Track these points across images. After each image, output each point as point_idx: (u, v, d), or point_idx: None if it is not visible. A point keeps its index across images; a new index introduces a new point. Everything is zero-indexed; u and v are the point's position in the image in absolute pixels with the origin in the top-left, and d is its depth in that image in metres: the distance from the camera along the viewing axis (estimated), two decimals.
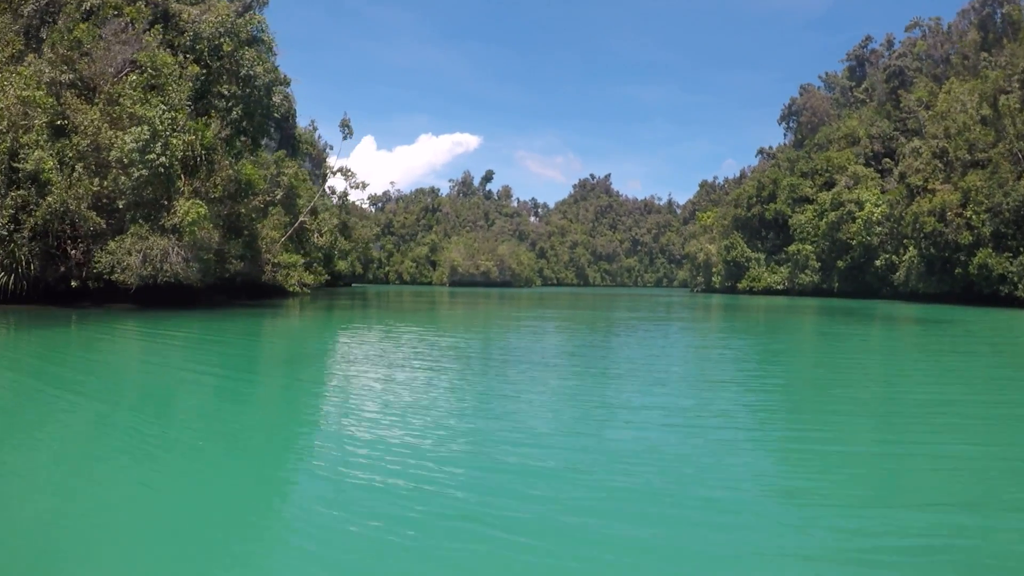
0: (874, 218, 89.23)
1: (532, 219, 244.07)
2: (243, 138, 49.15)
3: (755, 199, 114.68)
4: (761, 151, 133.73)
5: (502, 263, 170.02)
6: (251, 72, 46.42)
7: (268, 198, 65.38)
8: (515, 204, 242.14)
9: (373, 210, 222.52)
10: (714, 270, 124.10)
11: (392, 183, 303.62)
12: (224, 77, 46.94)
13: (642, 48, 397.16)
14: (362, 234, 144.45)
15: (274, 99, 49.10)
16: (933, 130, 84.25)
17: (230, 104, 46.93)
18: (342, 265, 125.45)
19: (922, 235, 73.43)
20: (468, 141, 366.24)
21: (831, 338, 29.76)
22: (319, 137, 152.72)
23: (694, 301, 77.44)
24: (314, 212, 63.61)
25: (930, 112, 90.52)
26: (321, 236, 60.81)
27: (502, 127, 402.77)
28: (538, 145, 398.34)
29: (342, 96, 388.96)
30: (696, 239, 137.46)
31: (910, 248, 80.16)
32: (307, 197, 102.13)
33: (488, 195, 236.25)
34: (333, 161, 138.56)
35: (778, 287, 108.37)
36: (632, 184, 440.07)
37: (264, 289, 59.13)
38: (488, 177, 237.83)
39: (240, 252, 50.40)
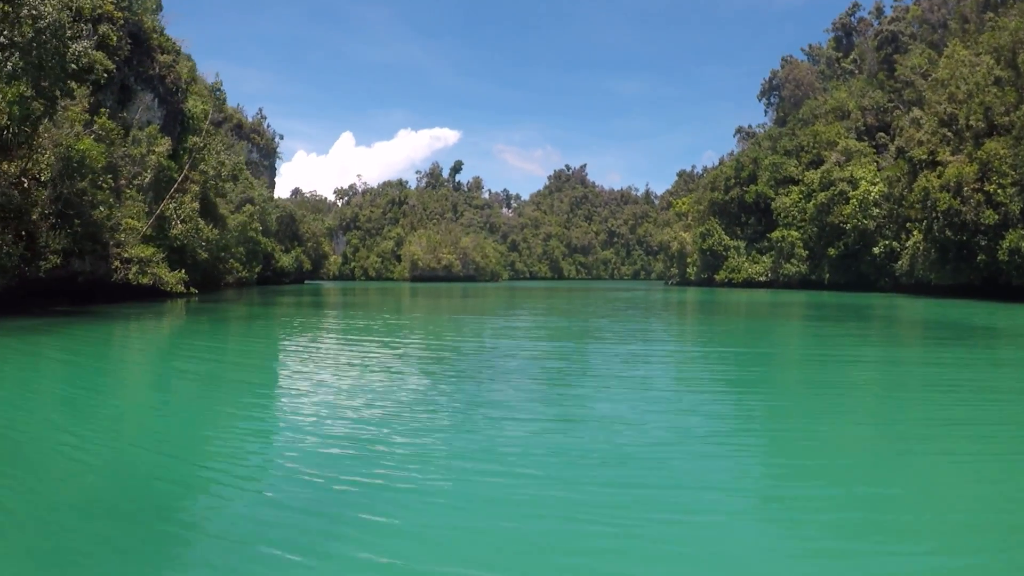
0: (871, 198, 75.13)
1: (504, 211, 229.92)
2: (39, 100, 34.88)
3: (733, 181, 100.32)
4: (740, 130, 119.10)
5: (465, 256, 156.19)
6: (35, 11, 32.06)
7: (138, 181, 51.83)
8: (486, 196, 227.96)
9: (340, 204, 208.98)
10: (689, 260, 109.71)
11: (359, 176, 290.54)
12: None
13: (618, 41, 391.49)
14: (311, 228, 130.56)
15: (75, 47, 34.50)
16: (936, 98, 70.59)
17: (6, 54, 32.73)
18: (285, 260, 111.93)
19: (935, 215, 59.53)
20: (447, 136, 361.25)
21: (856, 367, 15.78)
22: (268, 127, 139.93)
23: (663, 298, 63.42)
24: (179, 196, 49.03)
25: (930, 80, 76.77)
26: (181, 224, 46.40)
27: (481, 122, 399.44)
28: (517, 139, 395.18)
29: (319, 92, 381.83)
30: (670, 227, 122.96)
31: (914, 232, 66.45)
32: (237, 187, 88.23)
33: (457, 187, 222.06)
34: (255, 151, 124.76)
35: (760, 278, 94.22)
36: (612, 177, 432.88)
37: (123, 291, 45.46)
38: (457, 168, 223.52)
39: (63, 245, 37.33)
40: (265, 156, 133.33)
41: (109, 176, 47.86)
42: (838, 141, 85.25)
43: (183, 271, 50.51)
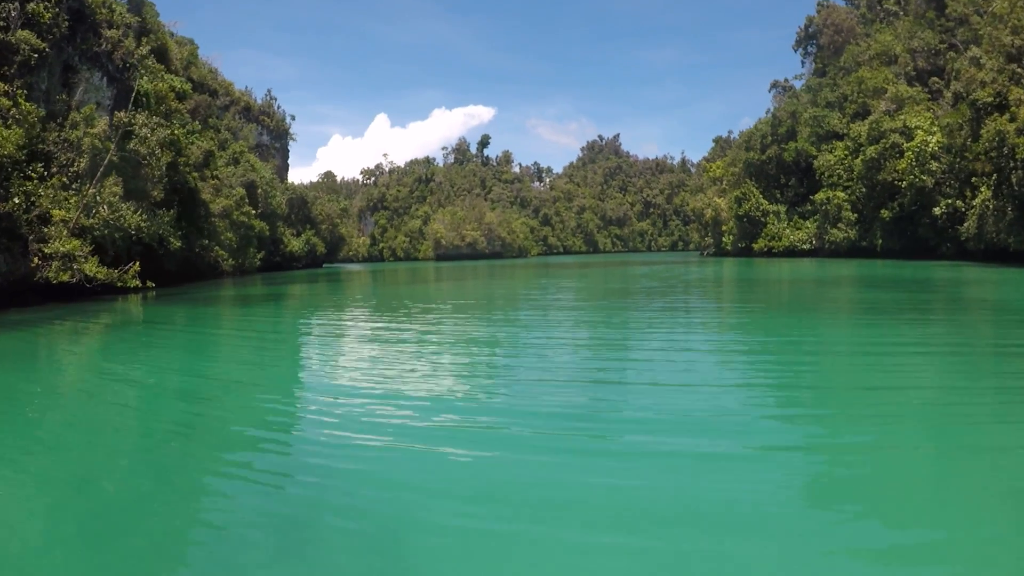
0: (928, 150, 64.36)
1: (535, 184, 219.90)
2: None
3: (770, 138, 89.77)
4: (776, 85, 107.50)
5: (491, 232, 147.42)
6: None
7: (75, 169, 44.52)
8: (516, 170, 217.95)
9: (369, 184, 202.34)
10: (724, 228, 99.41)
11: (385, 155, 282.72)
12: None
13: (649, 9, 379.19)
14: (325, 209, 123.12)
15: None
16: (997, 33, 60.05)
17: None
18: (295, 244, 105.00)
19: (1011, 165, 49.31)
20: (482, 113, 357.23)
21: None
22: (279, 108, 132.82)
23: (692, 272, 54.15)
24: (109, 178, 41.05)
25: (986, 15, 65.93)
26: (104, 209, 38.50)
27: (515, 97, 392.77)
28: (551, 113, 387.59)
29: (351, 75, 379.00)
30: (703, 193, 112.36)
31: (982, 188, 56.11)
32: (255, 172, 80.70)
33: (486, 161, 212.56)
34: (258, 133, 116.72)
35: (803, 246, 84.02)
36: (648, 147, 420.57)
37: (61, 291, 38.66)
38: (484, 142, 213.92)
39: None
40: (276, 138, 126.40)
41: (40, 164, 41.33)
42: (886, 88, 74.44)
43: (137, 263, 43.42)
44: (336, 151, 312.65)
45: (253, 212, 78.70)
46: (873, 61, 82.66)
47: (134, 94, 46.17)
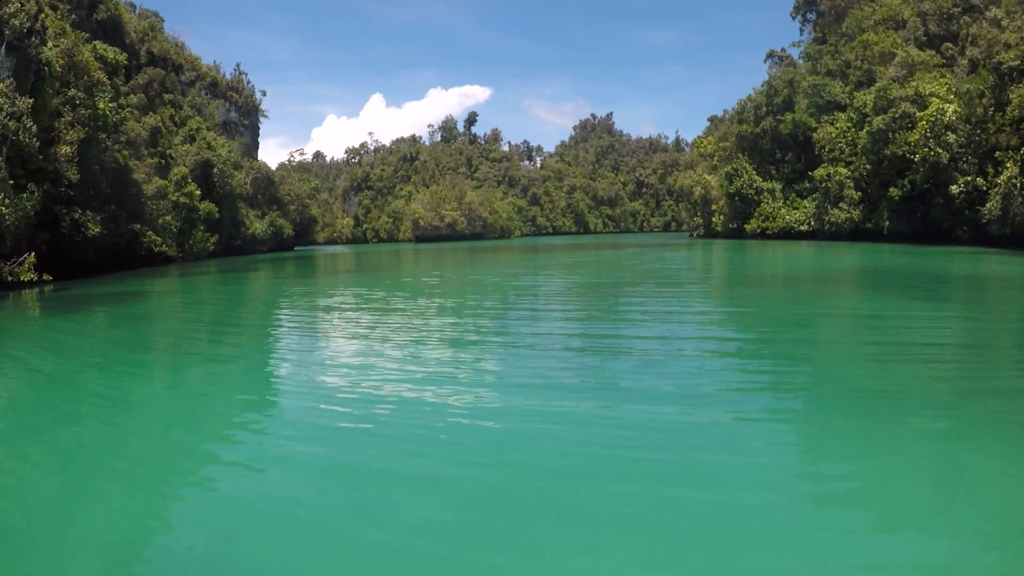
0: (945, 120, 56.10)
1: (525, 163, 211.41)
2: None
3: (765, 109, 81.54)
4: (771, 55, 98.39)
5: (471, 212, 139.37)
6: None
7: None
8: (505, 148, 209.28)
9: (354, 163, 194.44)
10: (715, 207, 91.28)
11: (370, 133, 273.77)
12: None
13: None
14: (294, 190, 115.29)
15: None
16: None
17: None
18: (258, 227, 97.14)
19: None
20: (478, 93, 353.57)
21: None
22: (248, 83, 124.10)
23: (663, 261, 46.41)
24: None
25: None
26: None
27: (512, 77, 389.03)
28: (548, 93, 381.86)
29: (347, 56, 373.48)
30: (692, 170, 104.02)
31: (1008, 164, 48.34)
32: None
33: (473, 139, 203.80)
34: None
35: (801, 228, 76.17)
36: (644, 128, 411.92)
37: None
38: (472, 120, 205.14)
39: None
40: (245, 115, 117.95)
41: None
42: (895, 52, 66.28)
43: (32, 254, 37.17)
44: (331, 131, 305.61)
45: (198, 192, 70.85)
46: (879, 27, 74.48)
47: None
